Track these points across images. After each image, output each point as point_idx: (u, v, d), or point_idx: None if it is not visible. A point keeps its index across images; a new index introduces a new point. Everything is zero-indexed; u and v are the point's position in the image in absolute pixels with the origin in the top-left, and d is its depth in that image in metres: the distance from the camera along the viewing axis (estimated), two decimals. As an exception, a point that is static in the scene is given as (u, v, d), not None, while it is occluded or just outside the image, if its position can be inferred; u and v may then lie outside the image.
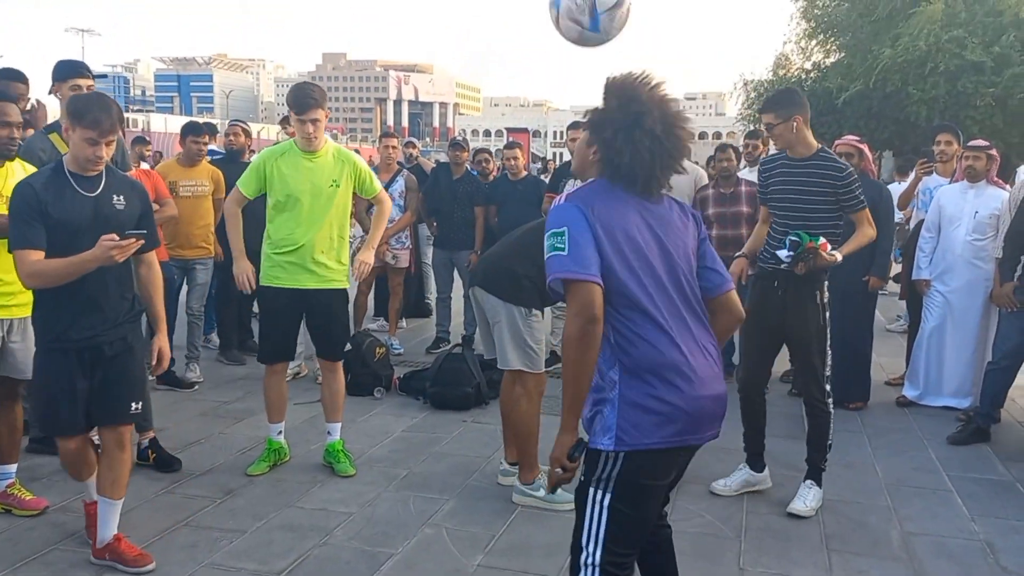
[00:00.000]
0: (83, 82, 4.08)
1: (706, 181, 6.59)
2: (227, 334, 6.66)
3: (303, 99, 4.15)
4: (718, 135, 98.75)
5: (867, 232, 3.94)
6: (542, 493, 3.91)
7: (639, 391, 2.18)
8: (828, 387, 3.93)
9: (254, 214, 6.33)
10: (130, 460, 3.46)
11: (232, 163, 6.51)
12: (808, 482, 3.99)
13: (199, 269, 6.01)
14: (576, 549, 2.26)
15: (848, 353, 5.67)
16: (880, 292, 6.01)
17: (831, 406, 3.95)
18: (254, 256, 4.39)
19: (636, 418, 2.17)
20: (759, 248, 4.14)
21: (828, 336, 3.92)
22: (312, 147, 4.22)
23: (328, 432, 4.44)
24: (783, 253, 3.85)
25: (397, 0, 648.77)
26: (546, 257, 2.18)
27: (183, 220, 5.75)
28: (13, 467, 3.79)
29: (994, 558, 3.53)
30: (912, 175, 6.87)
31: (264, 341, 4.45)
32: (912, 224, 6.45)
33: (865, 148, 5.83)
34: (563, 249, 2.15)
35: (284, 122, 5.95)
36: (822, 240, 3.78)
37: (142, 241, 3.13)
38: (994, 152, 5.62)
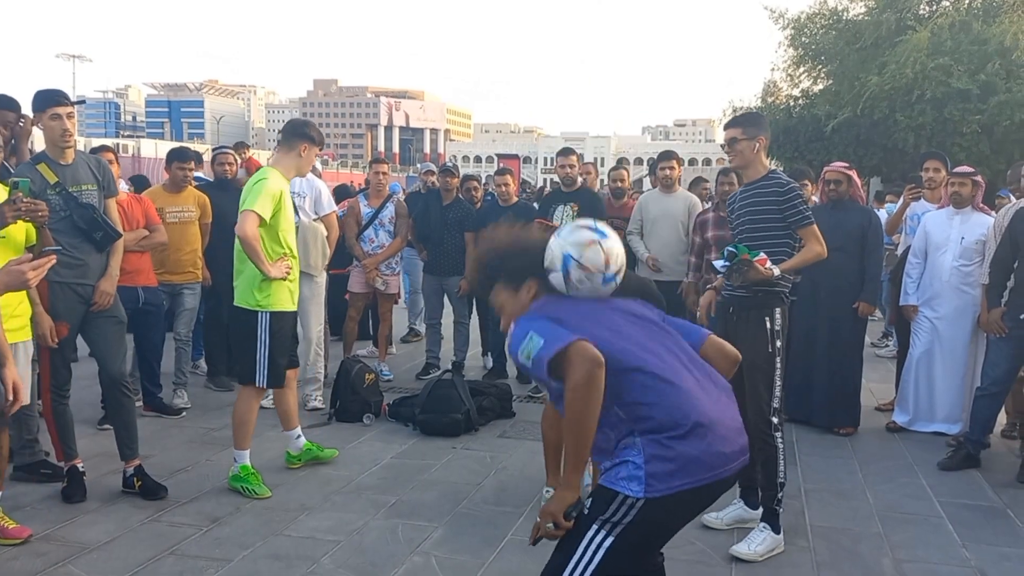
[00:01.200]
0: (62, 110, 4.08)
1: (699, 206, 6.64)
2: (215, 360, 6.62)
3: (319, 135, 4.67)
4: (708, 161, 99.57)
5: (813, 249, 3.85)
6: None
7: (663, 445, 2.18)
8: (775, 419, 3.79)
9: (229, 239, 6.35)
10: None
11: (222, 191, 6.50)
12: (762, 524, 3.80)
13: (187, 294, 5.99)
14: None
15: (838, 379, 5.69)
16: (870, 318, 6.03)
17: (779, 440, 3.80)
18: (227, 270, 4.63)
19: (664, 465, 2.17)
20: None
21: (778, 366, 3.79)
22: (301, 173, 4.75)
23: (235, 460, 4.49)
24: (719, 263, 3.87)
25: (388, 27, 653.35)
26: (529, 363, 2.19)
27: (171, 246, 5.73)
28: (-3, 495, 3.74)
29: (986, 585, 3.52)
30: (900, 201, 6.91)
31: (277, 366, 4.50)
32: (900, 250, 6.48)
33: (854, 174, 5.88)
34: (539, 343, 2.17)
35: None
36: (761, 255, 3.75)
37: (54, 259, 3.10)
38: (979, 178, 5.67)
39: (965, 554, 3.83)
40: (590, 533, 2.19)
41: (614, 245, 2.45)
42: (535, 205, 7.09)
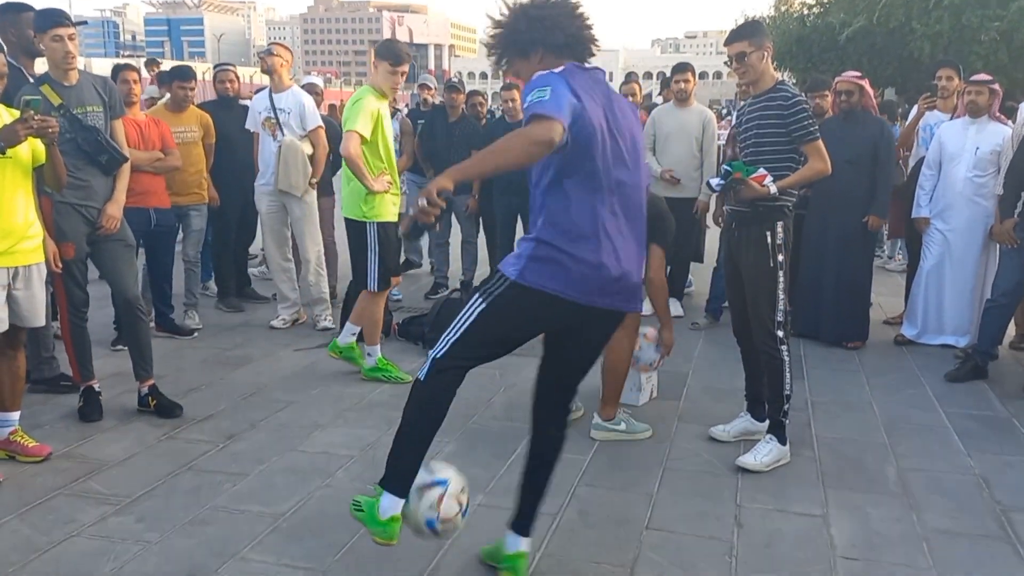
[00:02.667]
0: (64, 31, 3.99)
1: (715, 121, 6.53)
2: (225, 282, 6.64)
3: (401, 54, 4.73)
4: (719, 74, 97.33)
5: (816, 166, 3.77)
6: (623, 427, 4.12)
7: (554, 249, 2.46)
8: (780, 333, 3.78)
9: (234, 159, 6.29)
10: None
11: (226, 109, 6.41)
12: (768, 436, 3.84)
13: (193, 216, 5.97)
14: (435, 346, 2.58)
15: (847, 293, 5.68)
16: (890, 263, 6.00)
17: (785, 353, 3.78)
18: (233, 191, 5.16)
19: (544, 267, 2.46)
20: None
21: (780, 280, 3.76)
22: (390, 92, 4.79)
23: (368, 355, 4.98)
24: (715, 181, 3.84)
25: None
26: (525, 106, 2.35)
27: (175, 167, 5.68)
28: (16, 415, 3.81)
29: (989, 493, 3.57)
30: (914, 111, 6.77)
31: (386, 271, 4.87)
32: (912, 161, 6.38)
33: (866, 84, 5.74)
34: (544, 96, 2.31)
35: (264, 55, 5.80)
36: (760, 171, 3.69)
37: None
38: (996, 87, 5.54)
39: (969, 462, 3.88)
40: (472, 301, 2.56)
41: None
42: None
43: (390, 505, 2.53)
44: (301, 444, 4.01)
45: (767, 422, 3.93)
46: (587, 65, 2.58)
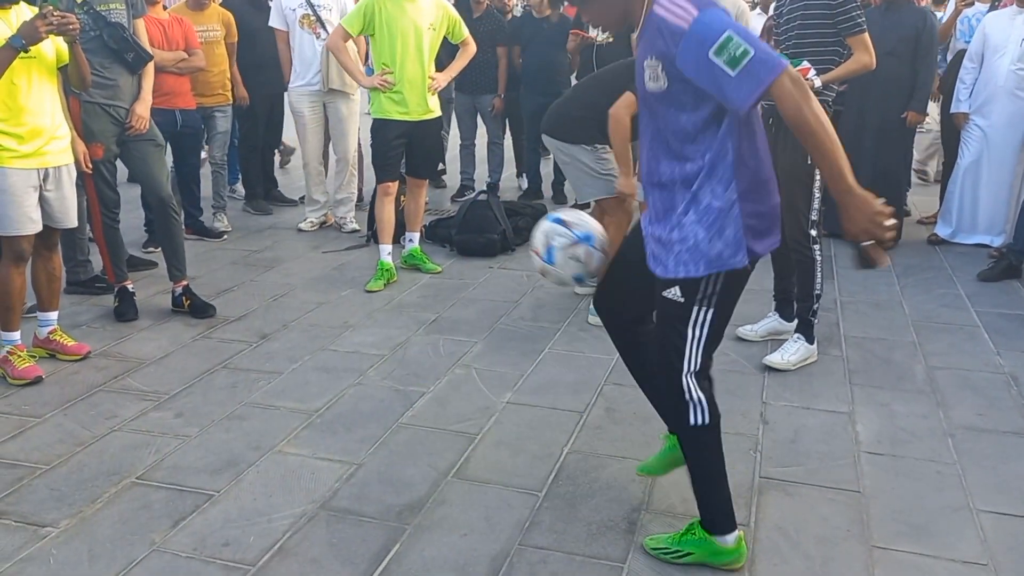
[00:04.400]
0: None
1: (748, 12, 6.28)
2: (252, 184, 6.64)
3: None
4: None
5: (862, 59, 3.66)
6: None
7: (751, 208, 2.21)
8: (813, 232, 3.74)
9: (259, 58, 6.17)
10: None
11: (252, 6, 6.26)
12: (796, 335, 3.83)
13: (219, 117, 5.92)
14: (674, 367, 2.32)
15: (882, 191, 5.53)
16: (918, 129, 5.82)
17: (817, 252, 3.76)
18: (259, 90, 5.61)
19: (759, 233, 2.24)
20: None
21: (818, 178, 3.68)
22: None
23: (409, 239, 5.25)
24: None
25: None
26: (735, 72, 1.96)
27: (198, 68, 5.61)
28: (54, 315, 3.90)
29: (1017, 390, 3.57)
30: (951, 6, 6.48)
31: (377, 167, 5.01)
32: (950, 55, 6.14)
33: (910, -27, 5.48)
34: (748, 51, 1.95)
35: None
36: (804, 64, 3.57)
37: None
38: (1052, -26, 5.27)
39: (999, 360, 3.87)
40: (695, 313, 2.27)
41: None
42: (571, 17, 6.74)
43: (730, 537, 2.39)
44: (332, 344, 4.07)
45: (795, 322, 3.92)
46: None
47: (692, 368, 2.32)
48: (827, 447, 3.09)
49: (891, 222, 2.06)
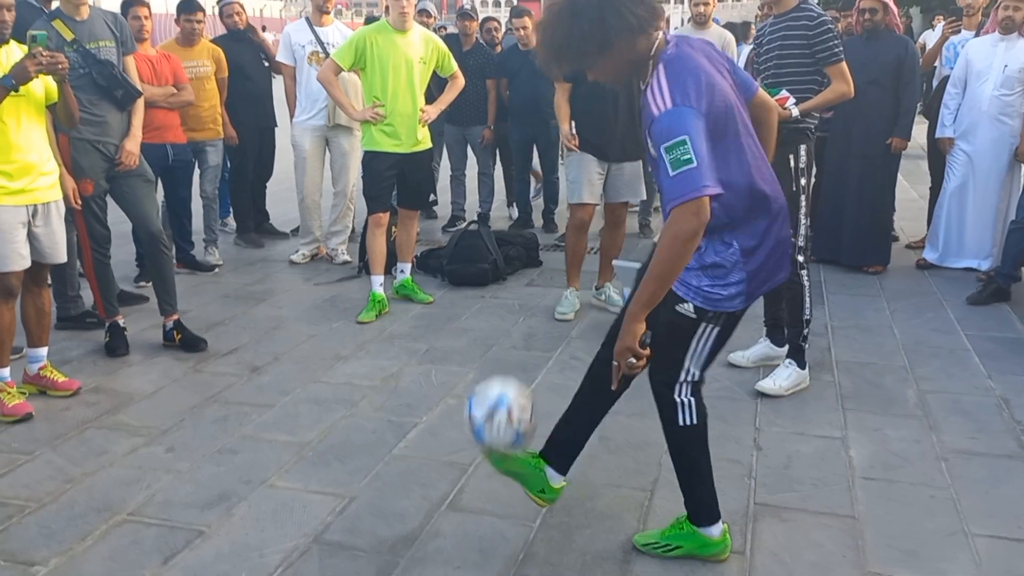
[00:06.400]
0: None
1: (734, 43, 6.39)
2: (243, 218, 6.65)
3: None
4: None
5: (839, 88, 3.71)
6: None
7: (757, 262, 2.36)
8: (801, 258, 3.75)
9: (249, 93, 6.20)
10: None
11: (237, 42, 6.33)
12: (787, 360, 3.84)
13: (209, 151, 5.94)
14: (670, 375, 2.47)
15: (867, 217, 5.61)
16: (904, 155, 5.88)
17: (805, 278, 3.78)
18: (249, 125, 5.49)
19: (757, 280, 2.39)
20: None
21: (803, 204, 3.72)
22: (405, 26, 4.79)
23: (401, 271, 5.27)
24: None
25: None
26: (671, 173, 2.09)
27: (189, 103, 5.64)
28: (44, 351, 3.88)
29: (1009, 413, 3.58)
30: (937, 33, 6.59)
31: (369, 199, 5.06)
32: (936, 81, 6.23)
33: (890, 2, 5.58)
34: (691, 161, 2.07)
35: None
36: (783, 93, 3.61)
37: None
38: (1033, 2, 5.36)
39: (989, 384, 3.88)
40: (701, 328, 2.41)
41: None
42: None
43: (715, 529, 2.55)
44: (324, 375, 4.06)
45: (786, 347, 3.93)
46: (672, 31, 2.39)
47: (688, 378, 2.47)
48: (820, 472, 3.09)
49: (641, 363, 2.29)
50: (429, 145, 5.11)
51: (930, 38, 6.53)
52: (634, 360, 2.27)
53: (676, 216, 2.10)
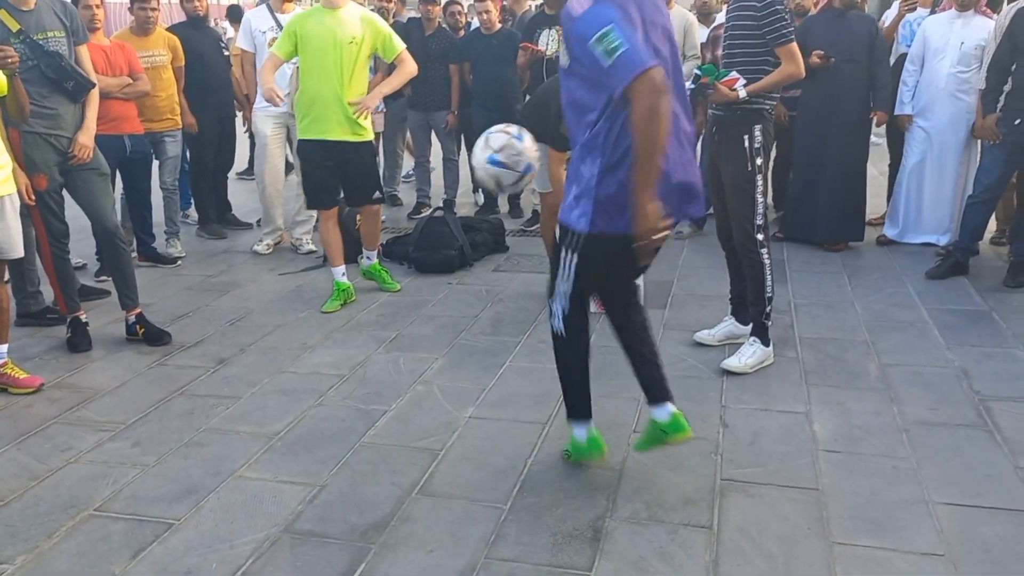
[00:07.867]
0: None
1: (696, 25, 6.38)
2: (205, 208, 6.57)
3: None
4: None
5: (787, 69, 3.71)
6: None
7: (615, 186, 2.49)
8: (760, 236, 3.78)
9: (208, 82, 6.12)
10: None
11: (195, 30, 6.22)
12: (751, 339, 3.88)
13: (168, 142, 5.86)
14: (552, 285, 2.77)
15: (841, 194, 5.65)
16: (873, 137, 5.97)
17: (765, 256, 3.80)
18: (208, 114, 5.48)
19: (609, 211, 2.52)
20: None
21: (759, 184, 3.75)
22: (335, 3, 4.60)
23: (367, 257, 5.21)
24: (687, 85, 3.81)
25: None
26: (607, 63, 2.29)
27: (145, 93, 5.55)
28: (4, 347, 3.81)
29: (968, 384, 3.66)
30: (894, 11, 6.66)
31: (306, 189, 4.92)
32: (893, 59, 6.31)
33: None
34: (622, 45, 2.27)
35: None
36: (732, 75, 3.65)
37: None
38: (987, -20, 5.45)
39: (949, 355, 3.96)
40: (563, 253, 2.67)
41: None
42: (518, 33, 6.79)
43: (581, 432, 2.95)
44: (291, 366, 4.04)
45: (751, 325, 3.98)
46: None
47: (563, 298, 2.74)
48: (786, 447, 3.14)
49: (664, 234, 2.50)
50: (369, 136, 4.84)
51: (889, 17, 6.58)
52: (662, 231, 2.44)
53: (633, 99, 2.29)
